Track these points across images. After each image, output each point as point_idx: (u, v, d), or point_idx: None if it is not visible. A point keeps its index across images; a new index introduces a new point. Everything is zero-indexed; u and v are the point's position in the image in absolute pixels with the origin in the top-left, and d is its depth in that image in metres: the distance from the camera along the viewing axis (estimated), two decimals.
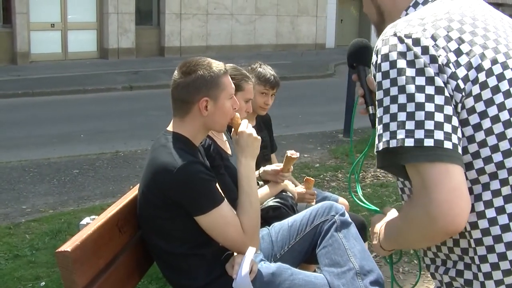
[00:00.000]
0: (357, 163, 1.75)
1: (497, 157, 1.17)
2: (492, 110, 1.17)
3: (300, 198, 2.95)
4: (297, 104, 10.41)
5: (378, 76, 1.22)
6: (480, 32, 1.23)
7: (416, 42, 1.19)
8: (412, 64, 1.17)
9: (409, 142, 1.14)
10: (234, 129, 2.19)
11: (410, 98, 1.15)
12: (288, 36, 19.24)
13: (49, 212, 4.81)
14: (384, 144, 1.18)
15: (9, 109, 9.66)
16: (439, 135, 1.13)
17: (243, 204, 2.10)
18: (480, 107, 1.17)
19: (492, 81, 1.18)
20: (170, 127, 2.15)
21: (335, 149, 7.07)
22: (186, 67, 2.10)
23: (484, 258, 1.20)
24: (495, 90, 1.18)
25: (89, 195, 5.33)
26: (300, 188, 3.00)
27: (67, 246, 1.75)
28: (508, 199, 1.18)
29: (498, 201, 1.18)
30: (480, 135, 1.18)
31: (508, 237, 1.18)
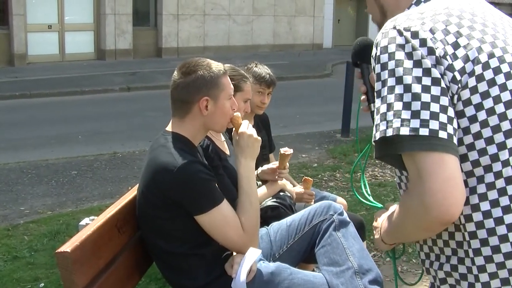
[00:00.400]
0: (361, 160, 1.76)
1: (492, 150, 1.19)
2: (488, 103, 1.19)
3: (299, 198, 2.96)
4: (295, 104, 10.42)
5: (377, 68, 1.25)
6: (478, 27, 1.25)
7: (415, 35, 1.21)
8: (410, 56, 1.19)
9: (405, 131, 1.16)
10: (235, 129, 2.20)
11: (407, 89, 1.17)
12: (286, 37, 19.25)
13: (48, 214, 4.80)
14: (381, 133, 1.20)
15: (7, 111, 9.65)
16: (434, 125, 1.15)
17: (243, 204, 2.10)
18: (476, 99, 1.19)
19: (489, 74, 1.20)
20: (169, 128, 2.16)
21: (333, 149, 7.08)
22: (186, 68, 2.11)
23: (478, 251, 1.22)
24: (491, 83, 1.19)
25: (87, 196, 5.33)
26: (299, 188, 3.01)
27: (67, 247, 1.76)
28: (503, 192, 1.19)
29: (493, 194, 1.19)
30: (475, 127, 1.19)
31: (502, 230, 1.19)
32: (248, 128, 2.16)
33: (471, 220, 1.21)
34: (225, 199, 2.06)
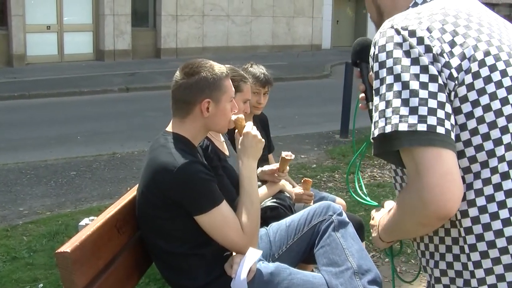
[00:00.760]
0: (356, 159, 1.77)
1: (488, 146, 1.20)
2: (484, 99, 1.21)
3: (298, 199, 2.97)
4: (294, 105, 10.43)
5: (375, 66, 1.27)
6: (474, 27, 1.28)
7: (412, 34, 1.23)
8: (408, 54, 1.21)
9: (403, 127, 1.17)
10: (238, 131, 2.21)
11: (405, 86, 1.19)
12: (284, 37, 19.27)
13: (47, 214, 4.81)
14: (380, 130, 1.22)
15: (6, 111, 9.65)
16: (432, 121, 1.16)
17: (244, 204, 2.11)
18: (473, 96, 1.21)
19: (485, 71, 1.22)
20: (170, 128, 2.16)
21: (332, 150, 7.09)
22: (189, 68, 2.11)
23: (474, 247, 1.23)
24: (487, 80, 1.22)
25: (87, 197, 5.33)
26: (298, 189, 3.02)
27: (67, 247, 1.76)
28: (498, 187, 1.20)
29: (488, 190, 1.21)
30: (472, 123, 1.21)
31: (497, 225, 1.20)
32: (253, 129, 2.18)
33: (467, 216, 1.23)
34: (225, 200, 2.06)
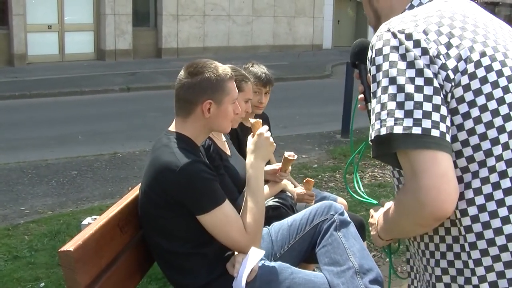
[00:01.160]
0: (354, 158, 1.79)
1: (486, 145, 1.22)
2: (481, 100, 1.22)
3: (299, 199, 2.98)
4: (295, 105, 10.44)
5: (373, 70, 1.29)
6: (470, 28, 1.29)
7: (408, 37, 1.25)
8: (404, 58, 1.23)
9: (398, 130, 1.19)
10: (254, 132, 2.25)
11: (400, 89, 1.21)
12: (285, 37, 19.27)
13: (48, 213, 4.81)
14: (376, 132, 1.24)
15: (7, 111, 9.65)
16: (427, 124, 1.18)
17: (249, 203, 2.12)
18: (469, 97, 1.22)
19: (481, 72, 1.23)
20: (172, 127, 2.17)
21: (333, 150, 7.09)
22: (193, 68, 2.12)
23: (474, 245, 1.24)
24: (483, 81, 1.23)
25: (88, 196, 5.34)
26: (300, 189, 3.02)
27: (70, 246, 1.76)
28: (497, 186, 1.22)
29: (487, 188, 1.22)
30: (469, 124, 1.22)
31: (496, 223, 1.21)
32: (267, 132, 2.23)
33: (467, 215, 1.24)
34: (227, 199, 2.06)
